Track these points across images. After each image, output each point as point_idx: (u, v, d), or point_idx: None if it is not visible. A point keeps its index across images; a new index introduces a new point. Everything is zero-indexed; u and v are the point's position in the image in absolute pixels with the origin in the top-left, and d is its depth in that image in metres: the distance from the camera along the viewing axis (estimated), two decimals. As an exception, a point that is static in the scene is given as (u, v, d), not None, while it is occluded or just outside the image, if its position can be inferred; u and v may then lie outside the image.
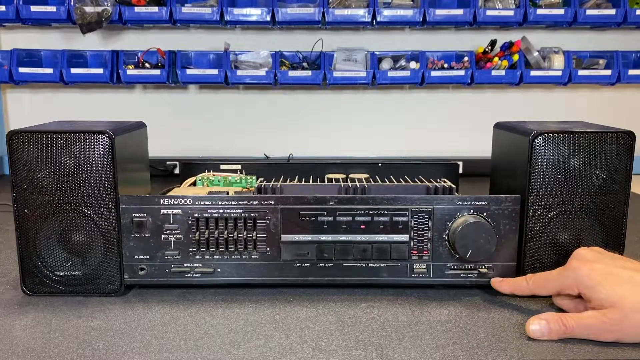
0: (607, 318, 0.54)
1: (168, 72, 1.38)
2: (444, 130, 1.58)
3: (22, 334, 0.58)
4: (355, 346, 0.55)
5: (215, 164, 0.92)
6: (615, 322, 0.54)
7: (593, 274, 0.57)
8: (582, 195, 0.66)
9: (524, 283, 0.64)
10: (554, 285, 0.61)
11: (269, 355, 0.53)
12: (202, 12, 1.34)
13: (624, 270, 0.56)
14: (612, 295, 0.54)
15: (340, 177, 0.87)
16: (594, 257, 0.59)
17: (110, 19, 1.32)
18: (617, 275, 0.56)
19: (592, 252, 0.60)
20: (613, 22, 1.37)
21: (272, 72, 1.38)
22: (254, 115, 1.56)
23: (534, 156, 0.65)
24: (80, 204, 0.65)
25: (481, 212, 0.66)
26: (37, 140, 0.63)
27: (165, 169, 1.45)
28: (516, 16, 1.35)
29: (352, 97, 1.56)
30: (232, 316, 0.62)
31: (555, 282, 0.60)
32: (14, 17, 1.32)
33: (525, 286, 0.63)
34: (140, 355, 0.53)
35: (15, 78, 1.37)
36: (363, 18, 1.34)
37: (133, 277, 0.67)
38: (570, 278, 0.58)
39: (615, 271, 0.56)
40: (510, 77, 1.39)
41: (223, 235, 0.66)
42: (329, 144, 1.58)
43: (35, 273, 0.66)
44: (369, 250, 0.67)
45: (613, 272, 0.56)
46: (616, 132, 0.65)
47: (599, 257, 0.59)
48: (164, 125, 1.53)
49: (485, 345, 0.55)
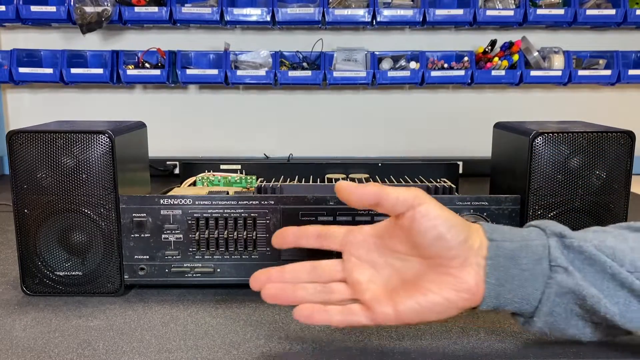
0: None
1: (168, 72, 1.39)
2: (444, 130, 1.58)
3: (22, 334, 0.58)
4: (355, 346, 0.55)
5: (215, 164, 0.92)
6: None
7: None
8: (582, 195, 0.66)
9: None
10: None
11: (269, 355, 0.53)
12: (202, 12, 1.34)
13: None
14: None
15: (340, 177, 0.87)
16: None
17: (110, 19, 1.32)
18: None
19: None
20: (613, 22, 1.37)
21: (272, 72, 1.38)
22: (254, 115, 1.56)
23: (534, 156, 0.65)
24: (80, 204, 0.65)
25: (481, 212, 0.66)
26: (37, 140, 0.63)
27: (165, 169, 1.45)
28: (516, 16, 1.35)
29: (352, 97, 1.56)
30: (232, 316, 0.62)
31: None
32: (14, 17, 1.32)
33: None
34: (140, 355, 0.53)
35: (15, 78, 1.37)
36: (363, 18, 1.34)
37: (133, 277, 0.67)
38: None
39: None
40: (510, 77, 1.39)
41: (223, 235, 0.66)
42: (329, 144, 1.58)
43: (35, 273, 0.66)
44: (369, 250, 0.67)
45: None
46: (616, 132, 0.65)
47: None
48: (164, 125, 1.54)
49: (485, 345, 0.55)
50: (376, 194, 0.48)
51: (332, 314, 0.50)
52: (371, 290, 0.49)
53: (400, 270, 0.50)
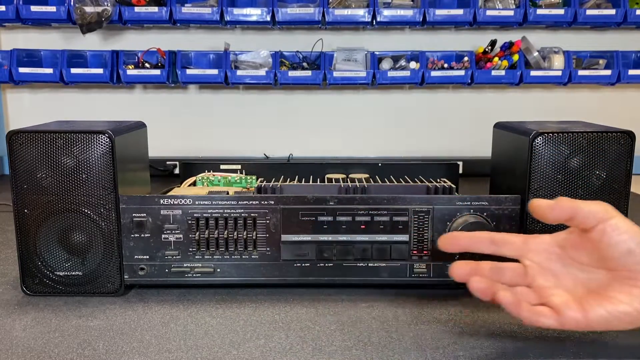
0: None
1: (168, 72, 1.39)
2: (444, 130, 1.58)
3: (22, 334, 0.58)
4: (355, 346, 0.55)
5: (215, 164, 0.92)
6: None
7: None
8: (582, 195, 0.66)
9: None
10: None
11: (269, 355, 0.53)
12: (202, 12, 1.34)
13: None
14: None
15: (340, 177, 0.87)
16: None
17: (110, 19, 1.32)
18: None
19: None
20: (613, 22, 1.37)
21: (272, 72, 1.38)
22: (254, 115, 1.56)
23: (534, 156, 0.65)
24: (80, 204, 0.65)
25: (481, 212, 0.66)
26: (37, 140, 0.63)
27: (165, 169, 1.45)
28: (516, 16, 1.35)
29: (352, 97, 1.56)
30: (232, 316, 0.62)
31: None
32: (14, 17, 1.32)
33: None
34: (140, 355, 0.53)
35: (15, 78, 1.37)
36: (363, 18, 1.34)
37: (133, 277, 0.67)
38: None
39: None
40: (510, 77, 1.39)
41: (223, 235, 0.66)
42: (329, 144, 1.58)
43: (35, 273, 0.66)
44: (369, 250, 0.67)
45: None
46: (616, 132, 0.65)
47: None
48: (164, 125, 1.53)
49: (485, 345, 0.55)
50: (571, 210, 0.51)
51: (522, 310, 0.51)
52: (559, 295, 0.52)
53: (583, 280, 0.52)
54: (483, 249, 0.55)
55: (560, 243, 0.54)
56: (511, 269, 0.54)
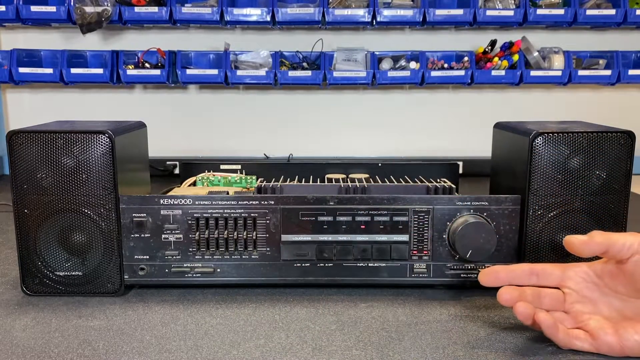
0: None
1: (168, 72, 1.39)
2: (444, 130, 1.58)
3: (22, 334, 0.58)
4: (355, 346, 0.55)
5: (215, 164, 0.92)
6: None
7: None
8: (582, 195, 0.66)
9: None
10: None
11: (269, 355, 0.53)
12: (202, 12, 1.34)
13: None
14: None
15: (340, 177, 0.87)
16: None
17: (110, 19, 1.32)
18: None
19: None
20: (613, 22, 1.37)
21: (272, 72, 1.38)
22: (254, 115, 1.56)
23: (534, 156, 0.65)
24: (80, 204, 0.65)
25: (481, 212, 0.66)
26: (37, 140, 0.63)
27: (165, 169, 1.45)
28: (516, 16, 1.35)
29: (352, 97, 1.56)
30: (232, 316, 0.62)
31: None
32: (14, 17, 1.32)
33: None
34: (140, 355, 0.53)
35: (15, 78, 1.37)
36: (363, 18, 1.34)
37: (133, 277, 0.67)
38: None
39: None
40: (510, 77, 1.39)
41: (223, 235, 0.66)
42: (329, 144, 1.58)
43: (35, 273, 0.66)
44: (369, 250, 0.67)
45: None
46: (616, 132, 0.65)
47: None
48: (164, 125, 1.53)
49: (485, 345, 0.55)
50: (604, 244, 0.53)
51: (559, 332, 0.53)
52: (596, 320, 0.54)
53: (619, 308, 0.54)
54: (524, 281, 0.57)
55: (597, 272, 0.56)
56: (550, 295, 0.56)
